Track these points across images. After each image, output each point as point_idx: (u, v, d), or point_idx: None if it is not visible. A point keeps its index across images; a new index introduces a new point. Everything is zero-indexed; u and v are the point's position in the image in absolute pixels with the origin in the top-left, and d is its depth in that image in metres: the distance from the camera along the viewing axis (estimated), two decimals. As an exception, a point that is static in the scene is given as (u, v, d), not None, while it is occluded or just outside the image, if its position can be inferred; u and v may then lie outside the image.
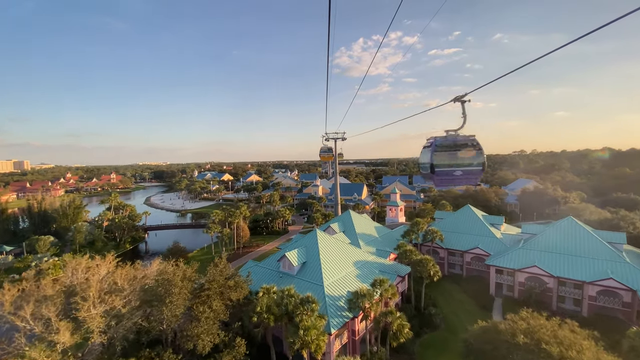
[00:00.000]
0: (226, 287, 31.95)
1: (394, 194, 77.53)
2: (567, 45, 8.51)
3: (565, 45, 8.61)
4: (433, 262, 44.20)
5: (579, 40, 8.11)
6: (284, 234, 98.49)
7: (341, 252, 45.40)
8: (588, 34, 7.97)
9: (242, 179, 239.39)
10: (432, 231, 58.72)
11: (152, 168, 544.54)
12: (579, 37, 8.14)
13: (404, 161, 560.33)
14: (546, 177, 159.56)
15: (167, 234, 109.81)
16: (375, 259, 48.43)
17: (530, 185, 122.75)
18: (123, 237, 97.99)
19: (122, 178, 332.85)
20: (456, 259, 61.34)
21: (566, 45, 8.51)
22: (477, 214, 66.13)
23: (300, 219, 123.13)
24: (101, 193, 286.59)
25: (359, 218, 64.07)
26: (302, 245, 45.47)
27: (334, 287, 38.42)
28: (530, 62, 9.91)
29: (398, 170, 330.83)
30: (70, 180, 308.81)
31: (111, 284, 29.47)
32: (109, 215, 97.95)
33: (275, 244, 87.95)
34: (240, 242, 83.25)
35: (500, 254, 53.88)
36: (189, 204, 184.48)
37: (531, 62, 9.96)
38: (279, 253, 46.66)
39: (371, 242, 58.06)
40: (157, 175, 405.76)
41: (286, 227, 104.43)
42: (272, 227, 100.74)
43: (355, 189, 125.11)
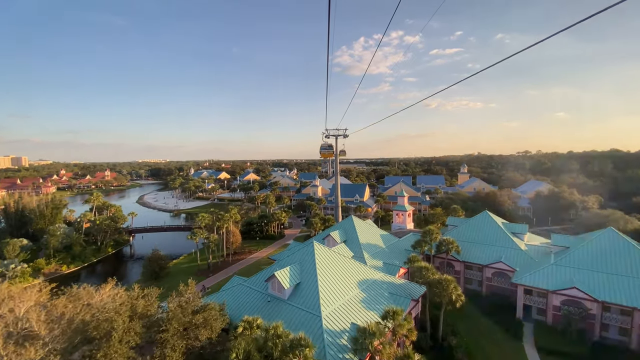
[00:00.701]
0: (192, 324, 24.12)
1: (401, 197, 69.58)
2: (544, 40, 10.15)
3: (544, 40, 10.32)
4: (455, 284, 36.39)
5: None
6: (280, 239, 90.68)
7: (343, 269, 37.58)
8: (565, 29, 9.83)
9: (239, 178, 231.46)
10: (447, 241, 50.92)
11: (151, 165, 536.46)
12: (559, 32, 10.06)
13: (404, 161, 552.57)
14: (557, 179, 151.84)
15: (155, 236, 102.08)
16: (384, 277, 40.59)
17: (543, 188, 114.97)
18: (105, 241, 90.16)
19: (116, 175, 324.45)
20: (474, 273, 53.55)
21: (546, 40, 10.02)
22: (496, 222, 58.31)
23: (298, 221, 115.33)
24: (95, 190, 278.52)
25: (362, 225, 56.25)
26: (296, 261, 37.65)
27: (335, 318, 30.61)
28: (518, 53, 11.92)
29: (400, 170, 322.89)
30: (63, 177, 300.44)
31: (25, 326, 21.52)
32: (89, 217, 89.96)
33: (270, 250, 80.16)
34: (231, 248, 75.45)
35: (528, 270, 46.05)
36: (183, 204, 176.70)
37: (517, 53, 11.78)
38: (268, 270, 38.83)
39: (377, 254, 50.24)
40: (154, 173, 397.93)
41: (282, 231, 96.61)
42: (266, 231, 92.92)
43: (356, 189, 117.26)
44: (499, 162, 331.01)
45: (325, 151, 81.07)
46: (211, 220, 70.89)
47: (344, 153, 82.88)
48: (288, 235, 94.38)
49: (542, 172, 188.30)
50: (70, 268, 79.04)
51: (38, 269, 74.29)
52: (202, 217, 71.73)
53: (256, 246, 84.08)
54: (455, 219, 63.80)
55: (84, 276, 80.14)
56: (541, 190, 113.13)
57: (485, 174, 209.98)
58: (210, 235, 65.39)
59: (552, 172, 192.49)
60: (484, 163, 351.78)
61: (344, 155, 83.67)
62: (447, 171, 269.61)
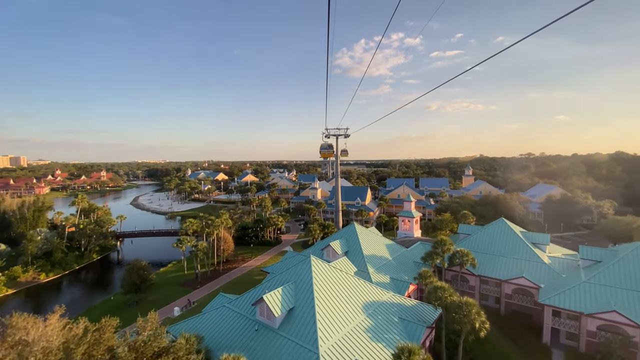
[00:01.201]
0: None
1: (408, 203, 63.76)
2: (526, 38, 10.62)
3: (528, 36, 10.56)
4: (477, 308, 30.72)
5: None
6: (276, 245, 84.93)
7: (345, 290, 31.91)
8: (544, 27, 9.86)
9: (237, 179, 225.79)
10: (461, 253, 45.21)
11: (150, 166, 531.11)
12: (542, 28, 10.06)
13: (405, 162, 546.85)
14: (565, 182, 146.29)
15: (145, 241, 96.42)
16: (392, 297, 34.90)
17: (555, 192, 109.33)
18: (89, 246, 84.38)
19: (113, 176, 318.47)
20: (490, 288, 47.84)
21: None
22: (514, 230, 52.63)
23: (296, 225, 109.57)
24: (90, 191, 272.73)
25: (366, 234, 50.56)
26: (290, 279, 31.98)
27: (335, 354, 24.91)
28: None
29: (401, 172, 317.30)
30: (58, 177, 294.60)
31: None
32: (71, 220, 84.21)
33: (265, 258, 74.43)
34: (222, 256, 69.70)
35: (556, 288, 40.36)
36: (178, 206, 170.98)
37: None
38: (257, 290, 33.10)
39: (383, 268, 44.53)
40: (151, 174, 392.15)
41: (279, 236, 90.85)
42: (262, 236, 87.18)
43: (357, 192, 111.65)
44: (502, 165, 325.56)
45: (325, 151, 75.90)
46: (200, 227, 65.12)
47: (346, 153, 77.41)
48: (285, 241, 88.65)
49: (548, 175, 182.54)
50: (49, 276, 73.24)
51: (14, 278, 68.57)
52: (190, 222, 65.88)
53: (250, 253, 78.31)
54: (467, 226, 58.03)
55: (64, 285, 74.44)
56: (552, 194, 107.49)
57: (489, 176, 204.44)
58: (198, 243, 59.62)
59: (559, 175, 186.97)
60: (487, 165, 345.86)
61: (346, 156, 78.16)
62: (450, 173, 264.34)
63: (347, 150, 77.33)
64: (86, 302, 60.30)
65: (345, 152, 77.50)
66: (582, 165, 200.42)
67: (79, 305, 58.32)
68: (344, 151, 77.60)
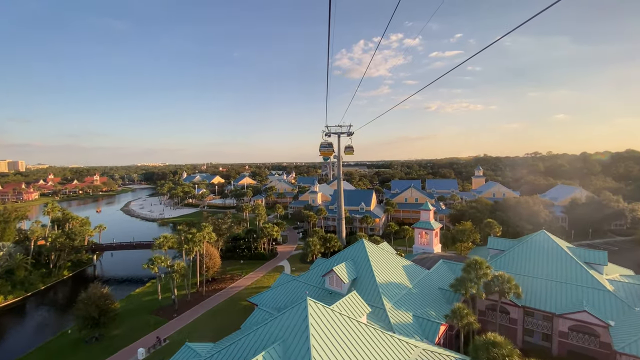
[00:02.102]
0: None
1: (425, 212, 53.51)
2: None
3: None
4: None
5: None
6: (271, 259, 74.86)
7: (356, 347, 21.85)
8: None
9: (234, 182, 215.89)
10: (502, 279, 35.16)
11: (149, 169, 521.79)
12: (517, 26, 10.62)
13: (406, 163, 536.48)
14: (584, 182, 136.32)
15: (127, 254, 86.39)
16: (423, 353, 24.77)
17: (579, 194, 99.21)
18: (59, 262, 74.40)
19: (107, 180, 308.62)
20: (538, 323, 37.78)
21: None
22: (560, 246, 42.56)
23: (295, 234, 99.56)
24: (81, 196, 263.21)
25: (377, 253, 40.50)
26: (278, 337, 21.91)
27: None
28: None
29: (403, 173, 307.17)
30: (49, 182, 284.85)
31: None
32: (37, 233, 74.27)
33: (258, 276, 64.40)
34: (206, 275, 59.66)
35: (633, 329, 30.30)
36: (170, 211, 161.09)
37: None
38: (231, 351, 23.02)
39: (404, 301, 34.45)
40: (147, 177, 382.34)
41: (274, 248, 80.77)
42: (255, 248, 77.14)
43: (362, 197, 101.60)
44: (507, 164, 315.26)
45: (325, 149, 66.90)
46: (175, 243, 54.95)
47: (352, 150, 67.66)
48: (281, 253, 78.59)
49: (560, 175, 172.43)
50: (9, 299, 63.16)
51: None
52: (164, 238, 55.41)
53: (240, 270, 68.18)
54: (499, 240, 47.91)
55: (29, 308, 64.52)
56: (577, 196, 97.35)
57: (497, 177, 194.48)
58: (175, 263, 49.51)
59: (573, 174, 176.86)
60: (492, 165, 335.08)
61: (352, 154, 68.34)
62: (454, 174, 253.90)
63: (352, 147, 67.48)
64: (39, 335, 50.15)
65: (350, 149, 67.74)
66: (596, 164, 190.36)
67: (28, 341, 48.19)
68: (348, 148, 67.76)
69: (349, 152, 68.31)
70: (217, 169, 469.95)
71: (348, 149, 67.66)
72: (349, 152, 68.27)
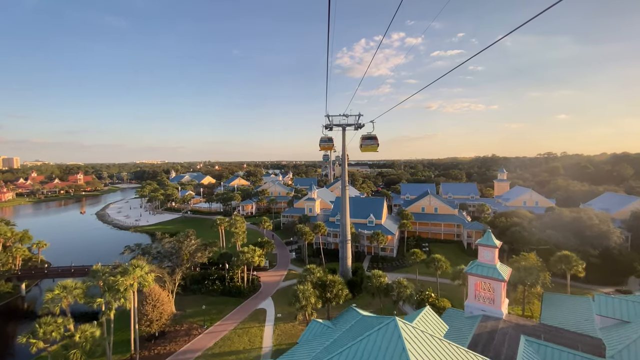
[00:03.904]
0: None
1: (487, 249, 32.27)
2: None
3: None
4: None
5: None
6: (251, 295, 55.44)
7: None
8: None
9: (225, 184, 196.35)
10: None
11: (147, 167, 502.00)
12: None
13: (409, 162, 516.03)
14: (630, 188, 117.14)
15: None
16: None
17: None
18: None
19: (91, 179, 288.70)
20: None
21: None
22: None
23: (286, 252, 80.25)
24: (61, 197, 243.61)
25: (420, 346, 20.90)
26: None
27: None
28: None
29: (408, 174, 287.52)
30: (29, 181, 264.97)
31: None
32: None
33: (229, 327, 45.06)
34: (150, 329, 40.37)
35: None
36: (149, 216, 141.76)
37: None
38: None
39: None
40: (138, 176, 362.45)
41: (256, 278, 61.24)
42: (231, 279, 57.75)
43: (370, 206, 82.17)
44: (517, 165, 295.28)
45: (325, 144, 50.51)
46: (82, 295, 34.99)
47: (374, 143, 47.27)
48: (266, 285, 59.17)
49: (591, 179, 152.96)
50: None
51: None
52: (62, 290, 34.83)
53: (207, 314, 48.71)
54: (615, 301, 28.49)
55: None
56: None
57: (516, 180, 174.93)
58: (77, 330, 30.13)
59: (601, 178, 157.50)
60: (500, 166, 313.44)
61: (375, 150, 48.67)
62: (451, 175, 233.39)
63: (375, 139, 47.35)
64: None
65: (371, 141, 47.18)
66: (627, 166, 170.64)
67: None
68: (368, 140, 47.49)
69: (370, 148, 47.89)
70: (213, 167, 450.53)
71: (368, 141, 47.48)
72: (369, 148, 47.93)
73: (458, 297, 49.75)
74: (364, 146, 47.13)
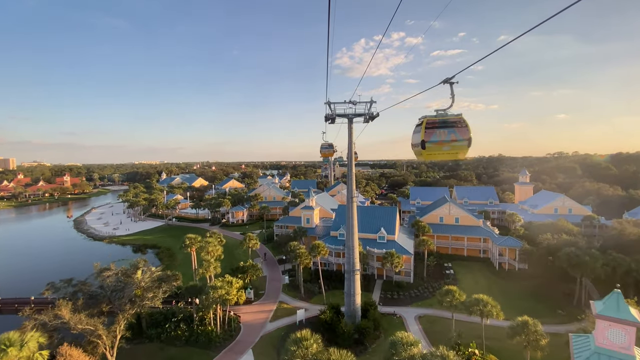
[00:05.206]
0: None
1: (617, 325, 18.87)
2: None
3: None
4: None
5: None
6: (227, 343, 41.17)
7: None
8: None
9: (217, 187, 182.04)
10: None
11: (146, 168, 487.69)
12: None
13: (411, 162, 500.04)
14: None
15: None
16: None
17: None
18: None
19: (79, 181, 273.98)
20: None
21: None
22: None
23: (278, 273, 66.03)
24: (46, 200, 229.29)
25: None
26: None
27: None
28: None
29: (412, 174, 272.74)
30: (11, 184, 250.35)
31: None
32: None
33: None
34: None
35: None
36: (130, 224, 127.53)
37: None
38: None
39: None
40: (130, 177, 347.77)
41: (235, 319, 46.82)
42: (201, 320, 43.50)
43: (380, 217, 67.80)
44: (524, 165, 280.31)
45: (326, 150, 39.48)
46: None
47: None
48: (248, 329, 44.83)
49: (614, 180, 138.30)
50: None
51: None
52: None
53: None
54: None
55: None
56: None
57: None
58: None
59: (624, 180, 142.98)
60: (507, 166, 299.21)
61: (429, 157, 34.14)
62: (460, 176, 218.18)
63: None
64: None
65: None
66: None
67: None
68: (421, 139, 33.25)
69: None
70: (210, 168, 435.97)
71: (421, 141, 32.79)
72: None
73: (510, 351, 35.23)
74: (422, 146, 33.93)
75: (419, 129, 16.67)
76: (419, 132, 16.51)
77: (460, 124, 15.87)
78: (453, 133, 15.74)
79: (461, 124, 15.89)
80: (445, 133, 15.79)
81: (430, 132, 15.97)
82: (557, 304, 49.85)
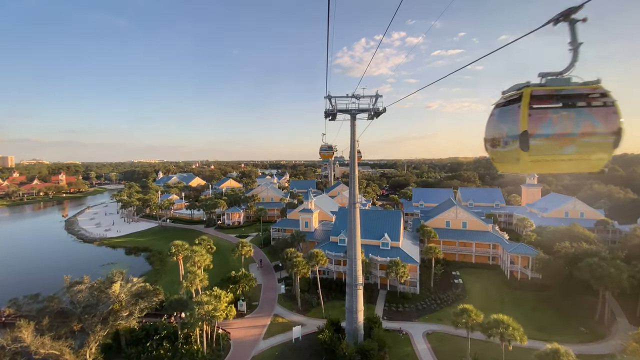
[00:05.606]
0: None
1: None
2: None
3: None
4: None
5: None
6: (213, 366, 36.89)
7: None
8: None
9: (214, 186, 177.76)
10: None
11: (145, 166, 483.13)
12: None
13: (411, 162, 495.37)
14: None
15: None
16: None
17: None
18: None
19: (74, 180, 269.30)
20: None
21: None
22: None
23: (274, 281, 61.72)
24: (39, 199, 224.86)
25: None
26: None
27: None
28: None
29: (413, 175, 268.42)
30: (4, 183, 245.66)
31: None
32: None
33: None
34: None
35: None
36: (122, 225, 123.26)
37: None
38: None
39: None
40: (127, 176, 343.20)
41: (224, 336, 42.49)
42: (186, 338, 39.21)
43: (383, 222, 63.53)
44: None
45: (325, 152, 34.99)
46: None
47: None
48: (238, 348, 40.52)
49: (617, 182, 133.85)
50: None
51: None
52: None
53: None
54: None
55: None
56: None
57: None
58: None
59: (632, 181, 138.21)
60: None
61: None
62: (462, 177, 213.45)
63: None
64: None
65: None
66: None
67: None
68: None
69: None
70: (209, 167, 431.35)
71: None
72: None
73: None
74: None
75: (512, 109, 7.38)
76: (514, 115, 7.22)
77: (599, 100, 7.05)
78: (587, 119, 6.84)
79: (602, 100, 7.06)
80: (570, 118, 6.89)
81: (540, 116, 6.98)
82: (577, 319, 45.61)
